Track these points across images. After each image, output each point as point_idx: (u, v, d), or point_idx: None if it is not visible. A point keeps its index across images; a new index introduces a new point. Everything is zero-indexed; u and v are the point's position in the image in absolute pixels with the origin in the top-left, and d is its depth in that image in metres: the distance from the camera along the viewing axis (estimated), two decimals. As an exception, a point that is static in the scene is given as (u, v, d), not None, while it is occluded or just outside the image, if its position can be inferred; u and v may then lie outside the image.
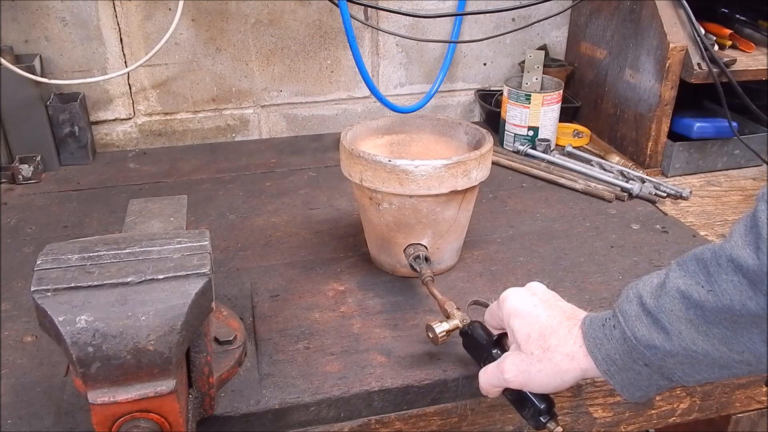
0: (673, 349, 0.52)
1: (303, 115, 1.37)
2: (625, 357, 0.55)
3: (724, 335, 0.50)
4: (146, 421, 0.52)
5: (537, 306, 0.61)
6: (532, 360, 0.58)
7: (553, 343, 0.58)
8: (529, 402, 0.62)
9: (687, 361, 0.52)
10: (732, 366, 0.52)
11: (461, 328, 0.67)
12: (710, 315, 0.50)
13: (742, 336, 0.50)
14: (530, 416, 0.62)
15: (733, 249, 0.49)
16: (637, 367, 0.54)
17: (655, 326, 0.53)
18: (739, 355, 0.51)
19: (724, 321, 0.50)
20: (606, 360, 0.56)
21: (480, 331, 0.66)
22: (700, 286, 0.50)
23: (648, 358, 0.53)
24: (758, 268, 0.47)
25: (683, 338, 0.51)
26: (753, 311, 0.48)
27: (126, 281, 0.52)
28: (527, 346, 0.59)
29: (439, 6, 1.33)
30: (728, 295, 0.49)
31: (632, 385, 0.56)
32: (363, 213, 0.86)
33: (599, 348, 0.56)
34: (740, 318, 0.49)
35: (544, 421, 0.61)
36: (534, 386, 0.59)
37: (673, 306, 0.52)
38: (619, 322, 0.55)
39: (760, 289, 0.47)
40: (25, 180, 1.13)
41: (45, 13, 1.17)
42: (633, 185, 1.08)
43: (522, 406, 0.62)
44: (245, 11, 1.25)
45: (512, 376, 0.59)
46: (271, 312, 0.79)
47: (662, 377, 0.54)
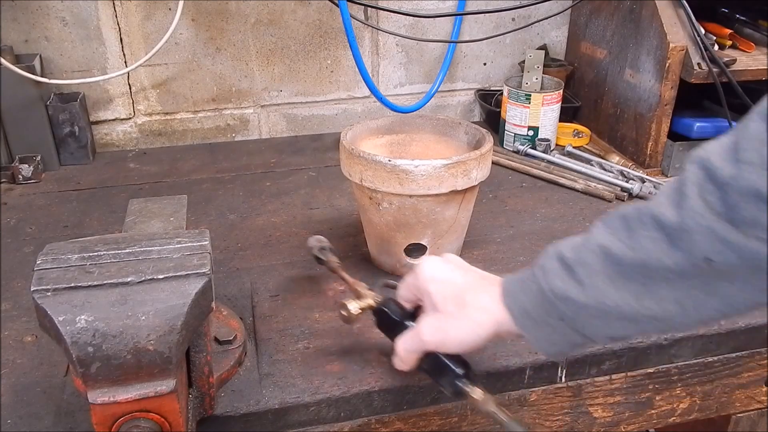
0: (587, 302, 0.53)
1: (303, 115, 1.37)
2: (540, 310, 0.55)
3: (637, 290, 0.51)
4: (146, 420, 0.52)
5: (453, 271, 0.62)
6: (448, 318, 0.59)
7: (468, 300, 0.59)
8: (446, 368, 0.61)
9: (599, 314, 0.53)
10: (641, 321, 0.52)
11: (375, 306, 0.67)
12: (627, 269, 0.51)
13: (654, 292, 0.51)
14: (448, 383, 0.61)
15: (657, 207, 0.50)
16: (551, 321, 0.55)
17: (572, 279, 0.53)
18: (648, 311, 0.51)
19: (639, 276, 0.51)
20: (522, 313, 0.56)
21: (394, 307, 0.66)
22: (621, 241, 0.51)
23: (562, 311, 0.54)
24: (677, 224, 0.48)
25: (598, 291, 0.52)
26: (667, 266, 0.49)
27: (126, 281, 0.52)
28: (443, 306, 0.60)
29: (439, 6, 1.33)
30: (646, 250, 0.50)
31: (546, 340, 0.56)
32: (363, 213, 0.86)
33: (515, 301, 0.57)
34: (655, 273, 0.50)
35: (462, 386, 0.60)
36: (450, 344, 0.59)
37: (592, 260, 0.52)
38: (536, 276, 0.56)
39: (677, 245, 0.48)
40: (25, 180, 1.13)
41: (45, 13, 1.17)
42: (633, 185, 1.08)
43: (440, 373, 0.62)
44: (245, 11, 1.25)
45: (429, 335, 0.60)
46: (271, 312, 0.79)
47: (575, 332, 0.55)
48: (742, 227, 0.46)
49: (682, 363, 0.77)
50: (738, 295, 0.49)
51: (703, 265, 0.48)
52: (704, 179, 0.48)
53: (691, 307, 0.50)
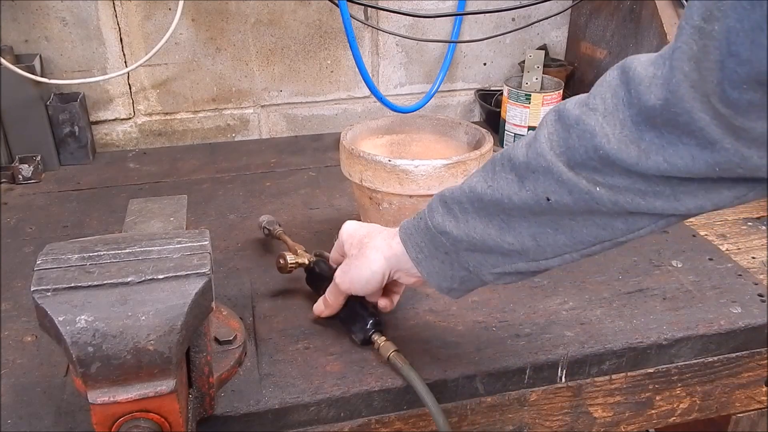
0: (459, 235, 0.59)
1: (303, 115, 1.37)
2: (429, 244, 0.61)
3: (499, 225, 0.57)
4: (146, 421, 0.52)
5: (363, 226, 0.71)
6: (351, 260, 0.68)
7: (365, 242, 0.67)
8: (357, 317, 0.71)
9: (472, 248, 0.59)
10: (509, 254, 0.57)
11: (308, 264, 0.78)
12: (488, 207, 0.57)
13: (512, 227, 0.56)
14: (358, 330, 0.71)
15: (513, 148, 0.56)
16: (440, 255, 0.61)
17: (448, 214, 0.60)
18: (510, 245, 0.57)
19: (498, 212, 0.56)
20: (415, 247, 0.63)
21: (323, 266, 0.77)
22: (485, 181, 0.57)
23: (445, 245, 0.60)
24: (524, 164, 0.54)
25: (468, 226, 0.58)
26: (518, 204, 0.55)
27: (126, 281, 0.52)
28: (349, 251, 0.69)
29: (439, 6, 1.33)
30: (501, 189, 0.56)
31: (438, 274, 0.62)
32: (363, 213, 0.86)
33: (410, 237, 0.63)
34: (510, 210, 0.56)
35: (370, 334, 0.70)
36: (355, 283, 0.68)
37: (463, 198, 0.59)
38: (424, 215, 0.62)
39: (524, 185, 0.54)
40: (25, 180, 1.13)
41: (45, 13, 1.17)
42: (633, 185, 1.08)
43: (353, 321, 0.72)
44: (245, 11, 1.25)
45: (339, 278, 0.69)
46: (271, 312, 0.79)
47: (461, 267, 0.60)
48: (576, 168, 0.51)
49: (682, 363, 0.77)
50: (581, 231, 0.54)
51: (544, 204, 0.53)
52: (555, 121, 0.53)
53: (544, 242, 0.56)
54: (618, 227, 0.53)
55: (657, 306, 0.80)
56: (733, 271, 0.87)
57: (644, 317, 0.78)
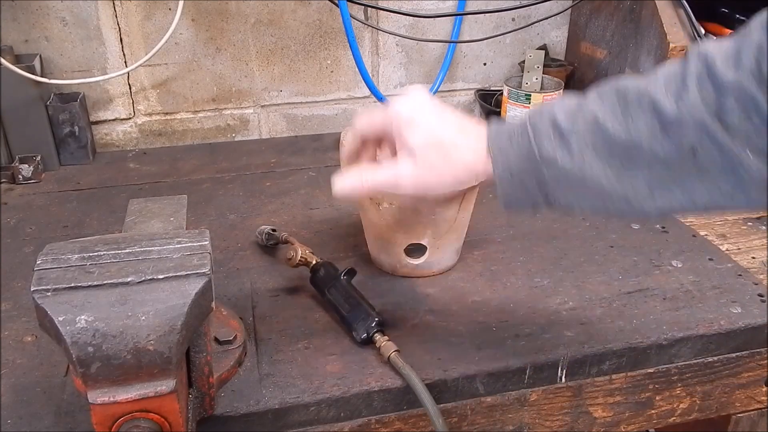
0: (572, 169, 0.54)
1: (303, 115, 1.37)
2: (523, 169, 0.56)
3: (619, 168, 0.53)
4: (146, 421, 0.52)
5: (432, 117, 0.61)
6: (432, 169, 0.59)
7: (452, 153, 0.59)
8: (361, 315, 0.71)
9: (578, 184, 0.55)
10: (612, 198, 0.54)
11: (314, 264, 0.80)
12: (616, 148, 0.53)
13: (634, 173, 0.53)
14: (361, 328, 0.71)
15: (657, 93, 0.51)
16: (530, 185, 0.56)
17: (562, 145, 0.54)
18: (623, 190, 0.53)
19: (626, 156, 0.53)
20: (504, 168, 0.57)
21: (330, 268, 0.79)
22: (616, 119, 0.53)
23: (543, 174, 0.55)
24: (675, 116, 0.50)
25: (584, 162, 0.54)
26: (656, 153, 0.51)
27: (126, 281, 0.52)
28: (425, 155, 0.59)
29: (439, 6, 1.33)
30: (640, 133, 0.52)
31: (513, 197, 0.58)
32: (363, 213, 0.86)
33: (501, 155, 0.57)
34: (641, 157, 0.52)
35: (373, 333, 0.70)
36: (431, 195, 0.61)
37: (584, 130, 0.54)
38: (528, 135, 0.56)
39: (670, 136, 0.51)
40: (25, 180, 1.13)
41: (45, 13, 1.17)
42: (633, 185, 1.08)
43: (355, 319, 0.72)
44: (245, 11, 1.25)
45: (410, 184, 0.60)
46: (271, 312, 0.79)
47: (544, 197, 0.57)
48: (730, 130, 0.49)
49: (682, 363, 0.77)
50: (703, 193, 0.52)
51: (687, 156, 0.51)
52: (705, 76, 0.50)
53: (659, 194, 0.53)
54: (739, 199, 0.52)
55: (657, 306, 0.80)
56: (733, 271, 0.87)
57: (644, 317, 0.78)
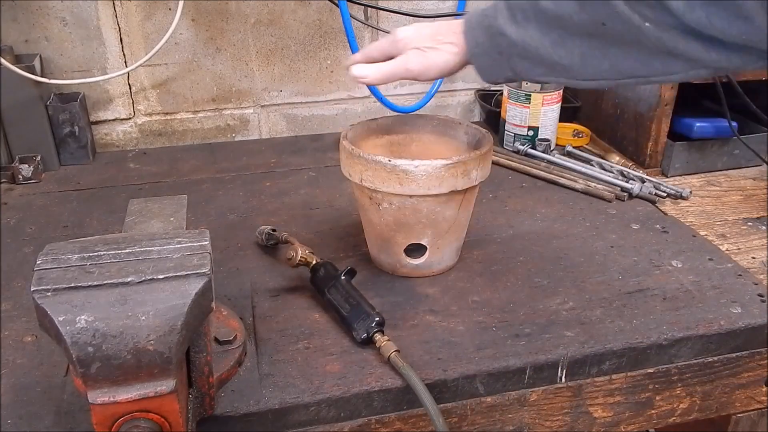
0: (516, 40, 0.64)
1: (303, 115, 1.37)
2: (487, 42, 0.67)
3: (554, 39, 0.62)
4: (146, 421, 0.52)
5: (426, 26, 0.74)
6: (428, 51, 0.72)
7: (441, 39, 0.71)
8: (361, 315, 0.72)
9: (524, 54, 0.65)
10: (554, 67, 0.64)
11: (314, 264, 0.80)
12: (550, 20, 0.62)
13: (566, 43, 0.62)
14: (361, 328, 0.72)
15: None
16: (493, 54, 0.67)
17: (511, 19, 0.65)
18: (560, 58, 0.63)
19: (557, 27, 0.62)
20: (472, 41, 0.69)
21: (330, 268, 0.79)
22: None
23: (500, 45, 0.66)
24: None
25: (526, 33, 0.64)
26: (576, 23, 0.60)
27: (126, 281, 0.52)
28: (422, 44, 0.72)
29: (439, 6, 1.33)
30: (563, 6, 0.60)
31: (487, 70, 0.69)
32: (363, 213, 0.86)
33: (471, 31, 0.69)
34: (568, 27, 0.61)
35: (373, 333, 0.71)
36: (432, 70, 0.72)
37: (527, 6, 0.63)
38: (489, 12, 0.67)
39: (584, 7, 0.59)
40: (25, 180, 1.13)
41: (45, 13, 1.17)
42: (633, 185, 1.08)
43: (355, 319, 0.73)
44: (245, 11, 1.25)
45: (414, 63, 0.72)
46: (271, 312, 0.79)
47: (509, 68, 0.67)
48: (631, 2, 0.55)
49: (682, 363, 0.77)
50: (623, 61, 0.60)
51: (600, 28, 0.59)
52: None
53: (589, 63, 0.62)
54: (655, 66, 0.59)
55: (657, 306, 0.80)
56: (733, 271, 0.87)
57: (644, 317, 0.78)
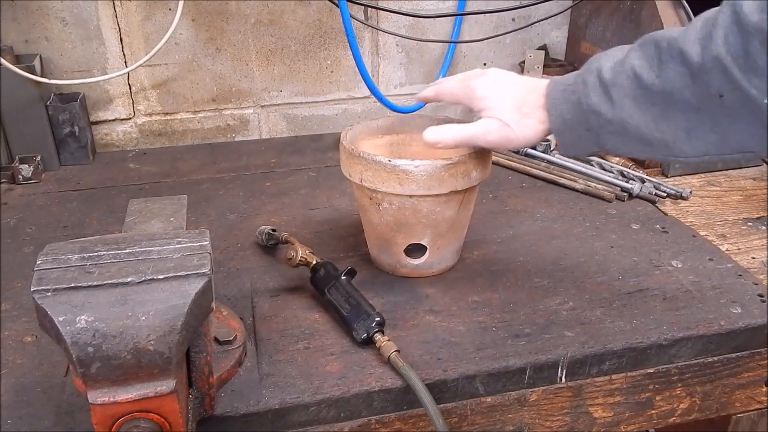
0: (614, 118, 0.62)
1: (303, 115, 1.37)
2: (574, 119, 0.65)
3: (656, 115, 0.60)
4: (146, 421, 0.52)
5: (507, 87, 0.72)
6: (511, 123, 0.70)
7: (527, 112, 0.69)
8: (362, 315, 0.72)
9: (620, 131, 0.62)
10: (653, 143, 0.61)
11: (315, 264, 0.80)
12: (652, 96, 0.59)
13: (670, 119, 0.59)
14: (361, 328, 0.71)
15: (685, 43, 0.56)
16: (580, 130, 0.65)
17: (605, 96, 0.62)
18: (661, 135, 0.60)
19: (661, 103, 0.59)
20: (559, 119, 0.66)
21: (330, 268, 0.79)
22: (651, 69, 0.59)
23: (591, 123, 0.63)
24: (699, 63, 0.55)
25: (624, 111, 0.61)
26: (686, 98, 0.57)
27: (126, 281, 0.52)
28: (503, 115, 0.70)
29: (439, 6, 1.33)
30: (671, 81, 0.57)
31: (571, 145, 0.67)
32: (363, 213, 0.86)
33: (556, 107, 0.66)
34: (674, 103, 0.58)
35: (373, 333, 0.71)
36: (509, 143, 0.71)
37: (624, 83, 0.61)
38: (578, 89, 0.64)
39: (697, 81, 0.56)
40: (25, 180, 1.13)
41: (45, 13, 1.17)
42: (633, 185, 1.08)
43: (356, 319, 0.72)
44: (245, 11, 1.25)
45: (493, 136, 0.71)
46: (271, 312, 0.79)
47: (595, 143, 0.65)
48: (749, 74, 0.53)
49: (682, 363, 0.77)
50: (735, 135, 0.57)
51: (715, 101, 0.55)
52: (732, 22, 0.53)
53: (696, 137, 0.59)
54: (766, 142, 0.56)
55: (657, 306, 0.80)
56: (733, 271, 0.87)
57: (644, 317, 0.78)
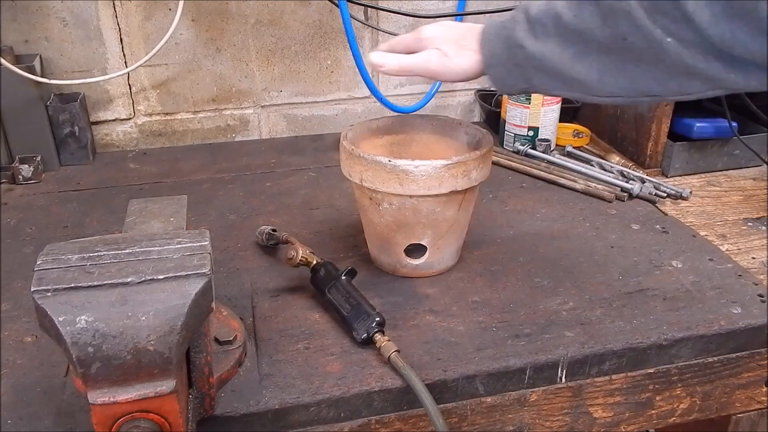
0: (536, 53, 0.64)
1: (303, 115, 1.37)
2: (503, 53, 0.67)
3: (573, 54, 0.62)
4: (146, 421, 0.52)
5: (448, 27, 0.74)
6: (449, 55, 0.71)
7: (464, 44, 0.71)
8: (362, 315, 0.72)
9: (542, 67, 0.64)
10: (571, 82, 0.63)
11: (315, 264, 0.80)
12: (569, 35, 0.61)
13: (585, 59, 0.61)
14: (362, 328, 0.72)
15: None
16: (509, 65, 0.67)
17: (531, 32, 0.64)
18: (577, 74, 0.62)
19: (578, 42, 0.61)
20: (489, 52, 0.69)
21: (330, 268, 0.79)
22: (571, 10, 0.61)
23: (518, 57, 0.66)
24: (608, 4, 0.58)
25: (545, 47, 0.63)
26: (597, 38, 0.59)
27: (126, 281, 0.52)
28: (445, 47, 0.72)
29: (439, 6, 1.33)
30: (585, 21, 0.60)
31: (501, 80, 0.69)
32: (363, 213, 0.86)
33: (488, 42, 0.69)
34: (589, 42, 0.60)
35: (373, 333, 0.71)
36: (450, 72, 0.71)
37: (547, 21, 0.63)
38: (507, 25, 0.67)
39: (607, 23, 0.58)
40: (25, 180, 1.13)
41: (45, 13, 1.17)
42: (633, 185, 1.08)
43: (356, 319, 0.72)
44: (245, 11, 1.25)
45: (435, 64, 0.72)
46: (271, 312, 0.79)
47: (524, 80, 0.67)
48: (655, 15, 0.55)
49: (682, 363, 0.77)
50: (640, 79, 0.60)
51: (620, 43, 0.58)
52: None
53: (607, 80, 0.61)
54: (672, 86, 0.59)
55: (657, 306, 0.80)
56: (733, 271, 0.87)
57: (644, 317, 0.78)
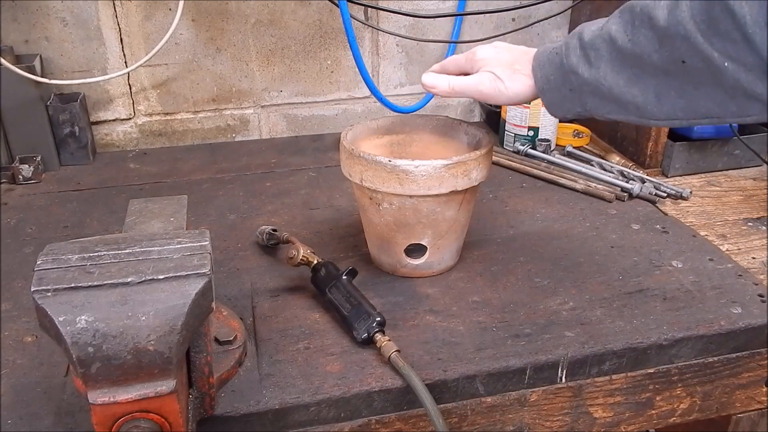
0: (589, 79, 0.65)
1: (303, 115, 1.37)
2: (558, 79, 0.68)
3: (629, 78, 0.62)
4: (146, 421, 0.52)
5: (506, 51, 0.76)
6: (503, 80, 0.73)
7: (518, 69, 0.73)
8: (362, 315, 0.72)
9: (596, 92, 0.65)
10: (626, 105, 0.64)
11: (315, 263, 0.80)
12: (625, 59, 0.62)
13: (641, 82, 0.62)
14: (362, 328, 0.71)
15: (655, 8, 0.58)
16: (564, 90, 0.68)
17: (584, 58, 0.65)
18: (633, 97, 0.63)
19: (633, 66, 0.62)
20: (543, 78, 0.70)
21: (330, 268, 0.79)
22: (626, 34, 0.61)
23: (572, 83, 0.67)
24: (664, 28, 0.58)
25: (600, 72, 0.64)
26: (654, 62, 0.60)
27: (126, 281, 0.52)
28: (498, 70, 0.74)
29: (439, 6, 1.33)
30: (641, 45, 0.60)
31: (556, 104, 0.70)
32: (363, 213, 0.86)
33: (541, 68, 0.70)
34: (645, 66, 0.61)
35: (373, 333, 0.71)
36: (503, 96, 0.73)
37: (601, 45, 0.64)
38: (560, 51, 0.68)
39: (664, 47, 0.58)
40: (25, 180, 1.13)
41: (45, 13, 1.17)
42: (633, 185, 1.08)
43: (356, 319, 0.72)
44: (245, 11, 1.25)
45: (487, 87, 0.74)
46: (271, 312, 0.79)
47: (579, 104, 0.68)
48: (712, 39, 0.54)
49: (682, 363, 0.77)
50: (699, 101, 0.59)
51: (679, 66, 0.58)
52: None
53: (665, 102, 0.61)
54: (731, 108, 0.58)
55: (657, 306, 0.80)
56: (733, 271, 0.87)
57: (644, 317, 0.78)
